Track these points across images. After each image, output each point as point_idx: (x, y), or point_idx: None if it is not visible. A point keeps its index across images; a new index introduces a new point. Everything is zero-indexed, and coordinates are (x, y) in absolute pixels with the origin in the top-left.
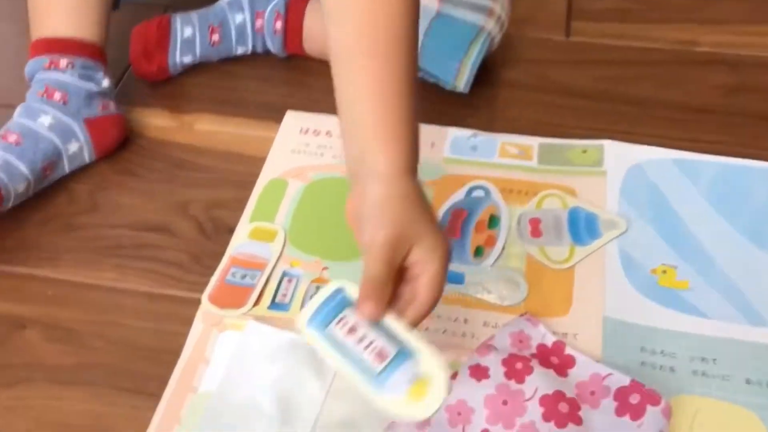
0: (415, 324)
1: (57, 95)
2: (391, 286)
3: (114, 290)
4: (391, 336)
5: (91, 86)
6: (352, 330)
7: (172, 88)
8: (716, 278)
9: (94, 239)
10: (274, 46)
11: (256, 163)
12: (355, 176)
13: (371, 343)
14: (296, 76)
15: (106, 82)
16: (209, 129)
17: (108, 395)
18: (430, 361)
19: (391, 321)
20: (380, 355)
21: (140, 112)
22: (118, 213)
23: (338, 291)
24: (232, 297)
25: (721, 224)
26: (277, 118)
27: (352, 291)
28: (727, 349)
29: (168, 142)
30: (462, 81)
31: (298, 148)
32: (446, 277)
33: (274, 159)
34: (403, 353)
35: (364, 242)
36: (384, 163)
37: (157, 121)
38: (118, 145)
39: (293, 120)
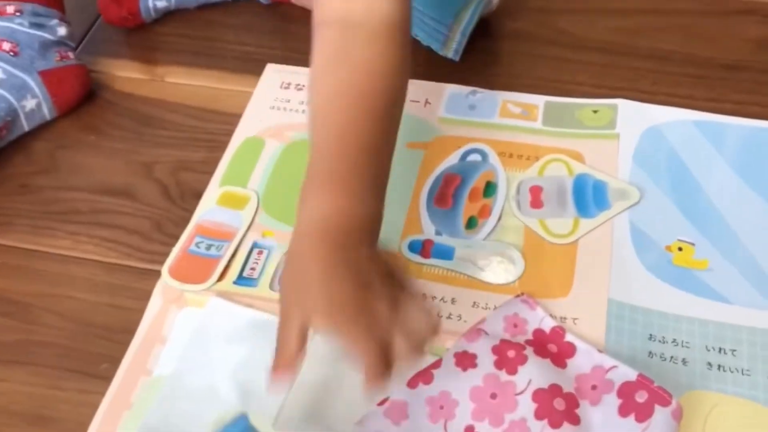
0: None
1: (5, 45)
2: (299, 355)
3: (68, 260)
4: None
5: (44, 35)
6: None
7: (144, 37)
8: (739, 258)
9: (49, 203)
10: None
11: (231, 120)
12: (304, 188)
13: None
14: (280, 25)
15: (62, 30)
16: (182, 82)
17: (54, 377)
18: None
19: None
20: None
21: (108, 63)
22: (77, 174)
23: (241, 418)
24: (195, 270)
25: (748, 195)
26: (256, 71)
27: (257, 420)
28: (749, 339)
29: (136, 97)
30: (451, 49)
31: (278, 105)
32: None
33: (250, 116)
34: None
35: None
36: (304, 214)
37: (125, 74)
38: (81, 99)
39: (274, 74)
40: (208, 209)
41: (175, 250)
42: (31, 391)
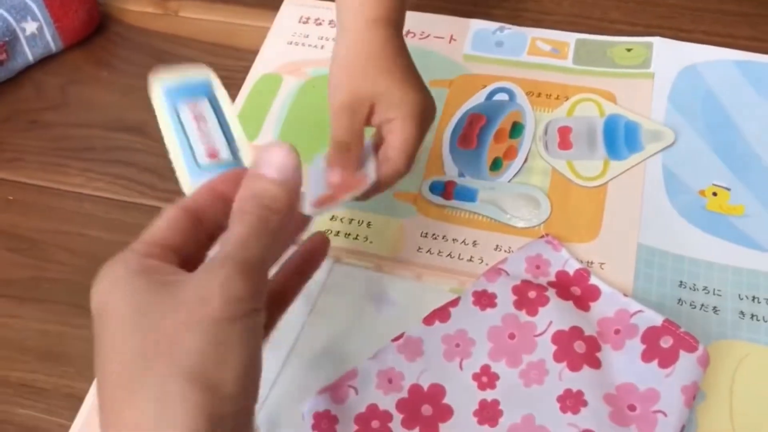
0: (387, 185)
1: None
2: (356, 150)
3: (80, 197)
4: (232, 144)
5: None
6: (199, 118)
7: None
8: None
9: (60, 139)
10: None
11: (248, 57)
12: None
13: (209, 138)
14: None
15: None
16: (196, 17)
17: (66, 314)
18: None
19: (239, 130)
20: (211, 154)
21: None
22: (89, 110)
23: (205, 77)
24: None
25: None
26: (274, 5)
27: (218, 88)
28: None
29: (149, 31)
30: None
31: (296, 40)
32: (417, 134)
33: (267, 52)
34: (232, 163)
35: (329, 105)
36: (350, 15)
37: (138, 8)
38: (89, 30)
39: (292, 8)
40: None
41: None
42: (44, 327)
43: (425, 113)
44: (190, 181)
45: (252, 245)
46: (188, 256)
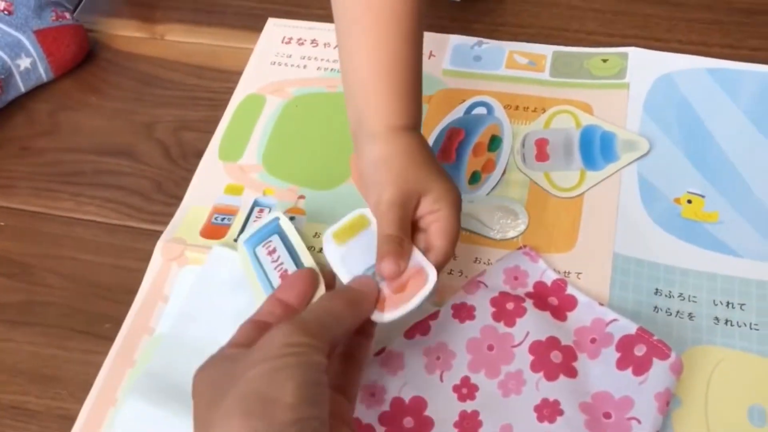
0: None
1: (0, 4)
2: (408, 241)
3: (70, 221)
4: (299, 262)
5: None
6: (271, 252)
7: None
8: (751, 210)
9: (52, 164)
10: None
11: (232, 78)
12: (355, 139)
13: (281, 264)
14: None
15: None
16: (182, 40)
17: (58, 337)
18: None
19: (303, 249)
20: (283, 277)
21: (108, 22)
22: (78, 136)
23: (275, 219)
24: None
25: (762, 145)
26: (258, 27)
27: (285, 222)
28: (758, 293)
29: (137, 56)
30: None
31: (279, 60)
32: (459, 223)
33: (251, 73)
34: None
35: (371, 204)
36: (379, 123)
37: (125, 33)
38: (80, 59)
39: (275, 28)
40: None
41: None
42: (36, 350)
43: (459, 201)
44: None
45: (311, 312)
46: None
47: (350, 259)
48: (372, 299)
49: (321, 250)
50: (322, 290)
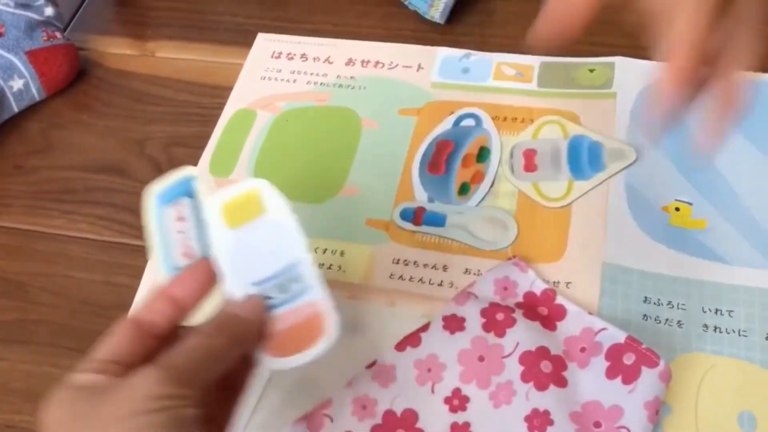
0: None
1: None
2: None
3: (63, 239)
4: (205, 244)
5: (30, 15)
6: (180, 218)
7: (134, 12)
8: (739, 216)
9: (44, 182)
10: None
11: (223, 93)
12: None
13: (188, 238)
14: None
15: (49, 10)
16: (173, 57)
17: (51, 355)
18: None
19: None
20: (187, 254)
21: (99, 40)
22: (70, 153)
23: (189, 179)
24: None
25: (748, 151)
26: (248, 42)
27: (200, 187)
28: (746, 300)
29: (128, 73)
30: (438, 10)
31: (269, 75)
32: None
33: (241, 88)
34: None
35: None
36: None
37: (117, 51)
38: (71, 78)
39: (265, 43)
40: None
41: None
42: (29, 369)
43: None
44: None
45: (184, 353)
46: (135, 363)
47: (243, 256)
48: (261, 332)
49: None
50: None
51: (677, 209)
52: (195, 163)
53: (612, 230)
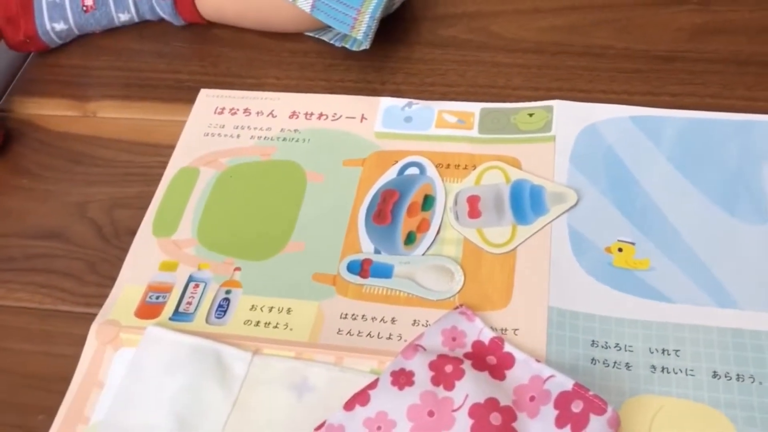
0: None
1: None
2: None
3: (2, 309)
4: None
5: None
6: None
7: (74, 73)
8: (681, 254)
9: None
10: (163, 10)
11: (166, 152)
12: None
13: None
14: (211, 49)
15: None
16: (114, 116)
17: None
18: None
19: None
20: None
21: (40, 103)
22: (8, 220)
23: None
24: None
25: (687, 189)
26: (190, 98)
27: None
28: (691, 338)
29: (69, 135)
30: (360, 31)
31: (212, 131)
32: None
33: (184, 145)
34: None
35: None
36: None
37: (58, 112)
38: (3, 145)
39: (208, 99)
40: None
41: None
42: None
43: None
44: None
45: None
46: None
47: None
48: None
49: (257, 323)
50: None
51: (620, 250)
52: (138, 224)
53: (557, 274)
